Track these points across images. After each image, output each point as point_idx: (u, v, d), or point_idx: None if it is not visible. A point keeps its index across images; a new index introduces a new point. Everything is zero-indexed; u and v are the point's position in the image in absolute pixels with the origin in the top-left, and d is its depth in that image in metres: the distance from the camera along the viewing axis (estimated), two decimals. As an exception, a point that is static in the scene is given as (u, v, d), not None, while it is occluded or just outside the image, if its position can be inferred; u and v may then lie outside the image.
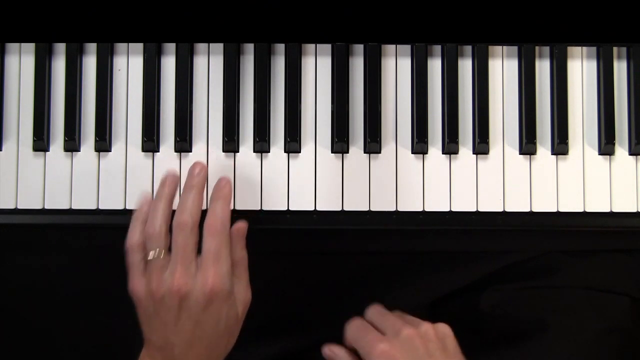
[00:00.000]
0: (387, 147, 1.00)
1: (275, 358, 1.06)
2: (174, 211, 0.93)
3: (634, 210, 1.00)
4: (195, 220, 0.91)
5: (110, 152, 0.99)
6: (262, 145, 0.99)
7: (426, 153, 1.00)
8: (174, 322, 0.90)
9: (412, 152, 1.00)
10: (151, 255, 0.91)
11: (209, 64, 1.01)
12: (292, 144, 0.99)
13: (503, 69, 1.01)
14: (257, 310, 0.99)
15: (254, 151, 0.99)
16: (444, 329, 0.94)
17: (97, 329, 1.07)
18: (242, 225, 0.94)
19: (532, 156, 1.00)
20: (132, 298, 0.92)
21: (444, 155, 1.00)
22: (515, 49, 1.01)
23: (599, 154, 1.00)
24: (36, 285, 1.07)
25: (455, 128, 0.99)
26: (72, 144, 0.99)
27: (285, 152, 0.99)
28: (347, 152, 1.00)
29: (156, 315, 0.91)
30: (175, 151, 0.99)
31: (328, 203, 0.99)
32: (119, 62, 1.01)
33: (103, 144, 0.99)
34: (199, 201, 0.93)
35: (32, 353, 1.08)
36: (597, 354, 1.03)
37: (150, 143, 0.99)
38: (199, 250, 0.92)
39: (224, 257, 0.91)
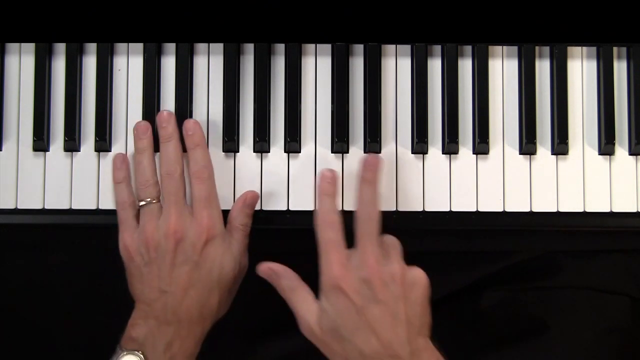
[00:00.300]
0: (387, 147, 1.00)
1: (276, 358, 1.06)
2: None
3: (634, 210, 1.00)
4: (180, 168, 0.94)
5: (110, 152, 0.99)
6: (262, 145, 0.99)
7: (426, 153, 1.00)
8: (170, 268, 0.91)
9: (412, 152, 1.00)
10: (144, 202, 0.93)
11: (209, 64, 1.01)
12: (292, 144, 0.99)
13: (503, 69, 1.01)
14: (257, 310, 0.99)
15: (254, 151, 0.99)
16: (416, 276, 0.89)
17: (97, 329, 1.07)
18: (252, 194, 0.96)
19: (532, 156, 1.00)
20: (123, 255, 0.93)
21: (444, 155, 1.00)
22: (515, 49, 1.01)
23: (599, 154, 1.00)
24: (36, 285, 1.07)
25: (455, 128, 0.99)
26: (72, 144, 0.99)
27: (285, 152, 0.99)
28: (347, 152, 1.00)
29: (150, 264, 0.92)
30: (175, 151, 0.99)
31: (328, 203, 0.99)
32: (119, 62, 1.01)
33: (103, 144, 0.99)
34: (178, 149, 0.95)
35: (32, 353, 1.08)
36: (597, 354, 1.03)
37: (150, 143, 0.99)
38: None
39: (214, 201, 0.93)
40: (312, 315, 0.90)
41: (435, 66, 1.01)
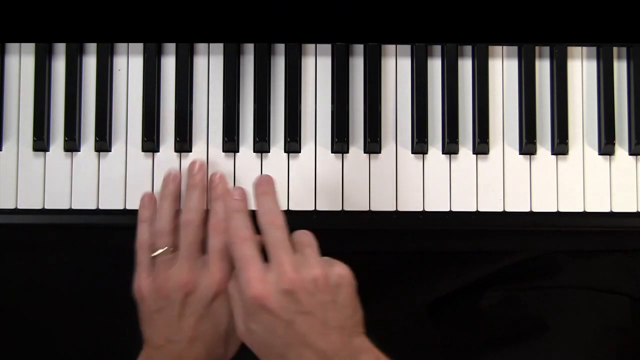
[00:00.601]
0: (387, 147, 1.00)
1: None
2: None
3: (634, 210, 1.00)
4: (201, 218, 0.93)
5: (110, 152, 0.99)
6: (262, 145, 0.99)
7: (426, 153, 1.00)
8: (177, 318, 0.90)
9: (412, 152, 1.00)
10: (159, 251, 0.92)
11: (209, 64, 1.01)
12: (292, 144, 0.99)
13: (503, 69, 1.01)
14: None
15: (254, 151, 0.99)
16: (339, 275, 0.86)
17: (97, 329, 1.07)
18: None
19: (532, 156, 1.00)
20: (136, 297, 0.93)
21: (444, 155, 1.00)
22: (515, 49, 1.01)
23: (599, 154, 1.00)
24: (36, 285, 1.07)
25: (455, 128, 0.99)
26: (72, 144, 0.99)
27: (285, 152, 0.99)
28: (347, 152, 1.00)
29: (160, 312, 0.91)
30: (175, 151, 0.99)
31: (328, 203, 0.99)
32: (119, 62, 1.01)
33: (103, 144, 0.99)
34: (202, 199, 0.94)
35: (32, 353, 1.08)
36: (597, 354, 1.03)
37: (150, 143, 0.99)
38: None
39: (229, 255, 0.91)
40: (242, 326, 0.87)
41: (435, 66, 1.01)
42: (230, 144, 0.99)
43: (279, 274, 0.85)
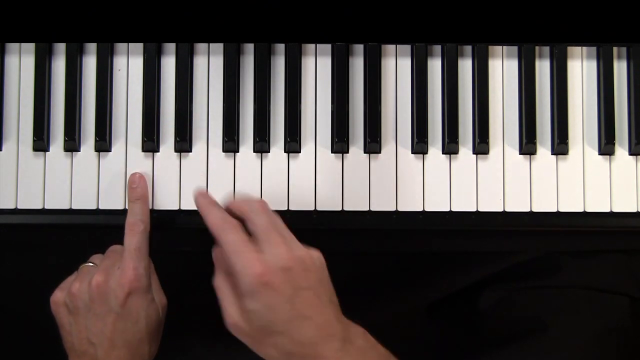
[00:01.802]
0: (387, 147, 1.00)
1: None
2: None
3: (634, 210, 1.00)
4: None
5: (110, 152, 0.99)
6: (262, 145, 0.99)
7: (426, 153, 1.00)
8: (94, 318, 0.91)
9: (412, 152, 1.00)
10: (88, 264, 0.96)
11: (209, 64, 1.01)
12: (292, 144, 0.99)
13: (503, 69, 1.01)
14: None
15: (254, 151, 0.99)
16: (319, 257, 0.89)
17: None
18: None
19: (532, 156, 1.00)
20: (52, 310, 0.95)
21: (444, 155, 1.00)
22: (515, 49, 1.01)
23: (599, 154, 1.00)
24: (36, 285, 1.06)
25: (455, 128, 0.99)
26: (72, 144, 0.99)
27: (285, 152, 0.99)
28: (347, 152, 1.00)
29: (76, 313, 0.92)
30: (175, 151, 0.99)
31: (328, 203, 0.99)
32: (119, 62, 1.01)
33: (103, 144, 0.99)
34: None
35: (32, 353, 1.08)
36: (597, 354, 1.03)
37: (150, 143, 0.99)
38: None
39: (143, 254, 0.93)
40: (236, 313, 0.87)
41: (435, 66, 1.01)
42: (230, 144, 0.99)
43: (274, 253, 0.86)
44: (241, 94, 1.00)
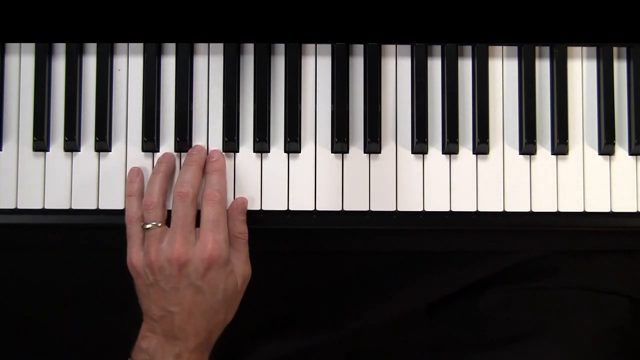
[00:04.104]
0: (387, 147, 1.00)
1: (275, 358, 1.06)
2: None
3: (634, 210, 1.00)
4: (195, 192, 0.94)
5: (110, 152, 0.99)
6: (262, 145, 0.99)
7: (426, 153, 1.00)
8: (174, 291, 0.92)
9: (412, 152, 1.00)
10: (150, 225, 0.94)
11: (209, 64, 1.01)
12: (292, 144, 0.99)
13: (503, 69, 1.01)
14: (257, 310, 0.99)
15: (254, 151, 0.99)
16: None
17: (97, 329, 1.07)
18: (242, 201, 0.97)
19: (532, 156, 1.00)
20: (130, 271, 0.94)
21: (444, 155, 1.00)
22: (515, 49, 1.01)
23: (599, 154, 1.00)
24: (36, 285, 1.07)
25: (455, 128, 0.99)
26: (72, 144, 0.99)
27: (285, 152, 0.99)
28: (347, 152, 1.00)
29: (155, 285, 0.92)
30: (176, 151, 0.99)
31: (328, 203, 0.99)
32: (119, 62, 1.01)
33: (103, 144, 0.99)
34: (198, 174, 0.96)
35: (32, 353, 1.08)
36: (597, 354, 1.03)
37: (150, 143, 0.99)
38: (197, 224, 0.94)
39: (222, 226, 0.93)
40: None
41: (435, 66, 1.01)
42: (230, 144, 0.99)
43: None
44: (241, 93, 1.00)
